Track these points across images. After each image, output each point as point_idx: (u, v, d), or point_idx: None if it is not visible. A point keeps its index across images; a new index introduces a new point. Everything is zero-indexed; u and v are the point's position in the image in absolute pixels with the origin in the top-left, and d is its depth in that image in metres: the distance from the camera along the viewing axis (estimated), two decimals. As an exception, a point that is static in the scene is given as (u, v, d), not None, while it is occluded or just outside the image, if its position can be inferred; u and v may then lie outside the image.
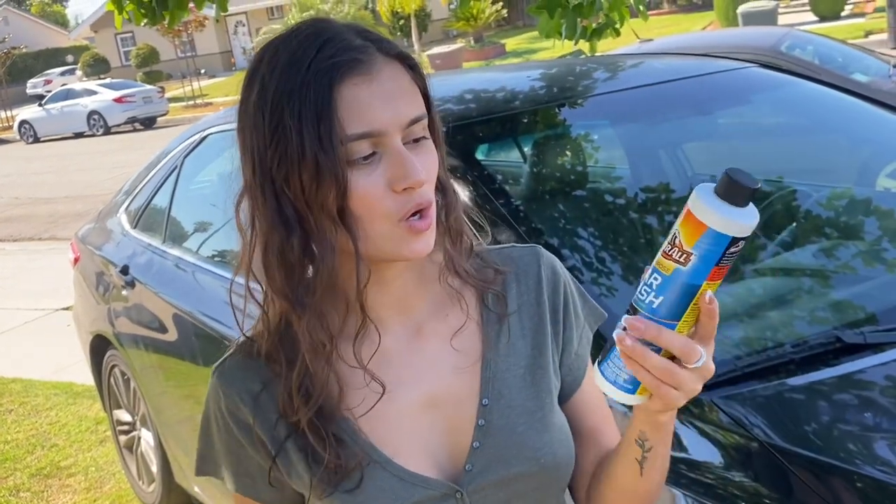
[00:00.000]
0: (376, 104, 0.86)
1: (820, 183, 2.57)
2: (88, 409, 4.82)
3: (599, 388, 0.86)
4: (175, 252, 3.07)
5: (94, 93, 25.54)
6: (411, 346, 0.97)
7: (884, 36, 15.63)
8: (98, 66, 37.76)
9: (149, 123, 25.06)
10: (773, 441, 1.34)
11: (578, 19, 3.69)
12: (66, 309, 6.34)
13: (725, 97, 2.66)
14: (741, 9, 17.33)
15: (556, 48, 4.12)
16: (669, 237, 0.80)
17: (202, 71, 31.14)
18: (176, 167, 3.23)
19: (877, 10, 20.01)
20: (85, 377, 5.07)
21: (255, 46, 27.71)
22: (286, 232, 0.88)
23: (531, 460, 0.95)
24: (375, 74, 0.87)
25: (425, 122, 0.91)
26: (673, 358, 0.81)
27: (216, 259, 2.91)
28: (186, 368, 2.91)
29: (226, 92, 28.99)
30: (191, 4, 3.53)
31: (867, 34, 16.59)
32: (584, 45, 4.15)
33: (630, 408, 0.88)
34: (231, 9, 3.79)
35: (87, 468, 4.06)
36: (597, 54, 4.11)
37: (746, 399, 1.41)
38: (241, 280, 0.93)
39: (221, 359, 0.99)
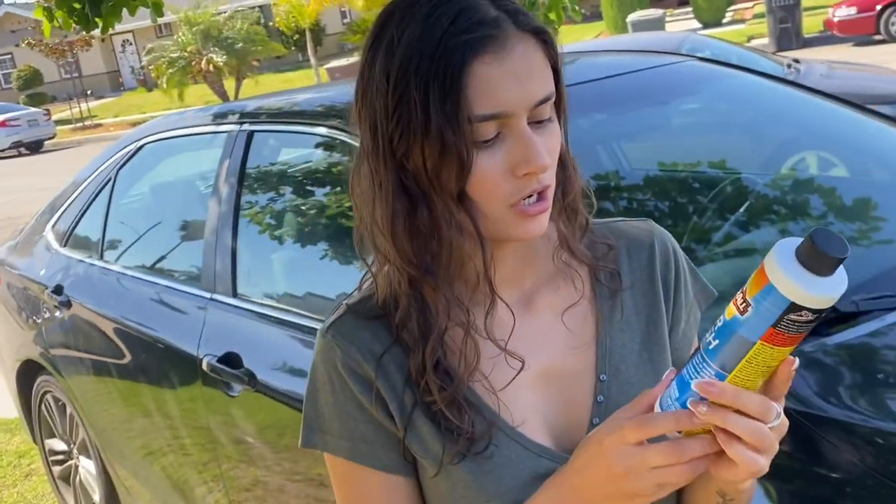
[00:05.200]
0: (506, 84, 0.82)
1: (747, 170, 2.66)
2: (8, 444, 4.56)
3: None
4: (114, 267, 2.94)
5: (-26, 118, 24.34)
6: (523, 319, 0.94)
7: (765, 40, 16.41)
8: (-25, 90, 36.03)
9: (35, 147, 24.00)
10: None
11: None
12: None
13: (662, 91, 2.73)
14: (630, 17, 17.90)
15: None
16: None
17: (89, 92, 30.08)
18: (110, 179, 3.10)
19: (755, 16, 21.04)
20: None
21: (144, 65, 26.94)
22: (411, 204, 0.87)
23: None
24: (508, 52, 0.83)
25: (553, 100, 0.87)
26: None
27: (161, 270, 2.80)
28: (134, 385, 2.78)
29: (115, 112, 28.11)
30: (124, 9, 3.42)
31: (749, 39, 17.39)
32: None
33: None
34: (117, 27, 3.64)
35: (15, 504, 3.84)
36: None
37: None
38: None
39: (331, 319, 0.95)
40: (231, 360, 2.24)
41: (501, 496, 0.89)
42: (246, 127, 2.47)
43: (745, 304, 0.73)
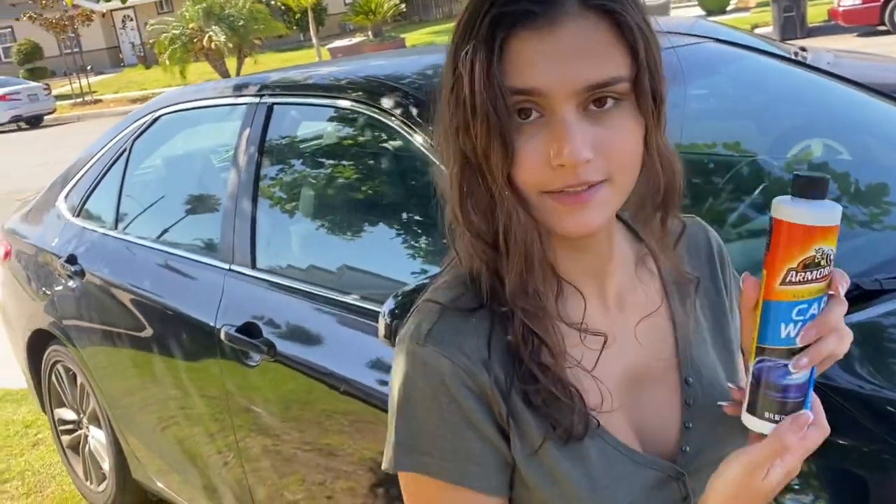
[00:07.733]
0: (542, 63, 0.75)
1: (767, 153, 2.68)
2: (14, 414, 4.58)
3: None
4: (130, 237, 2.95)
5: (-26, 91, 24.24)
6: (610, 317, 0.89)
7: (769, 29, 16.38)
8: (-26, 64, 35.85)
9: (35, 122, 23.93)
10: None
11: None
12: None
13: (685, 71, 2.73)
14: (636, 3, 17.86)
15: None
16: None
17: (89, 67, 29.90)
18: (125, 150, 3.10)
19: (759, 4, 20.99)
20: (3, 381, 4.82)
21: (145, 41, 26.78)
22: (473, 178, 0.81)
23: (744, 437, 0.83)
24: (551, 29, 0.75)
25: (623, 86, 0.77)
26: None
27: (178, 241, 2.81)
28: (149, 355, 2.80)
29: (115, 89, 27.99)
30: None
31: (754, 27, 17.33)
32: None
33: None
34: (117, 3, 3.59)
35: (22, 472, 3.86)
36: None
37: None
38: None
39: (427, 325, 0.84)
40: (250, 330, 2.26)
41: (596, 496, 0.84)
42: (267, 99, 2.47)
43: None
